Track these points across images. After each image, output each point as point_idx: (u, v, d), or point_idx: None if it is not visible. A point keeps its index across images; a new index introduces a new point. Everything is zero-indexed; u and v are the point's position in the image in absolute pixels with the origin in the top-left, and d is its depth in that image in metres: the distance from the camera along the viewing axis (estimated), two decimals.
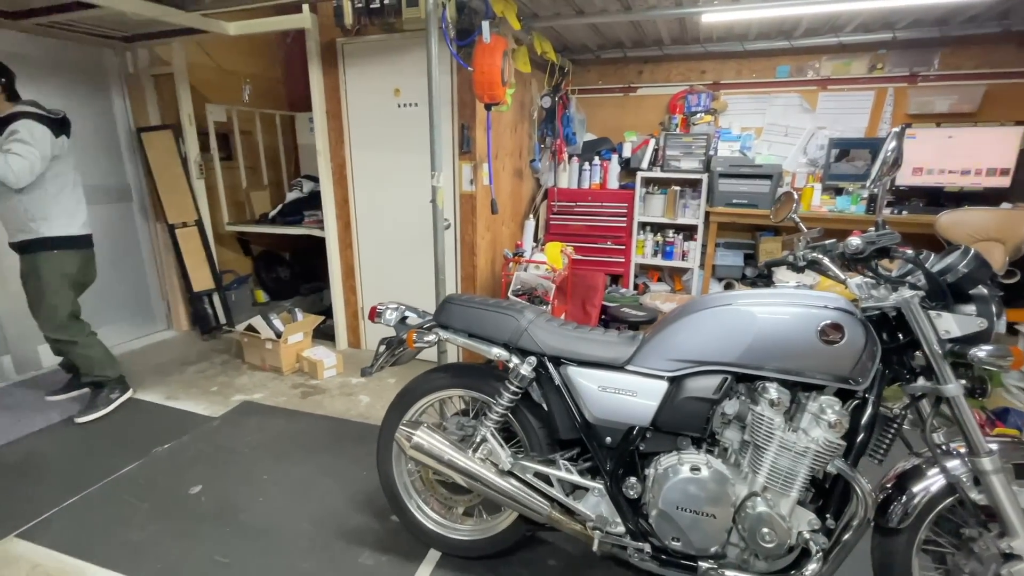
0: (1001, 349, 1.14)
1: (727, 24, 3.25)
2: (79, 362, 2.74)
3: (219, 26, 3.03)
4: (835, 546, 1.29)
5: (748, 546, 1.33)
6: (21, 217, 2.47)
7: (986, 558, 1.25)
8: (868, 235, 1.24)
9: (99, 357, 2.78)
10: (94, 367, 2.76)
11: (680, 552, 1.39)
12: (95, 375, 2.77)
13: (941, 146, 3.26)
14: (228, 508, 2.04)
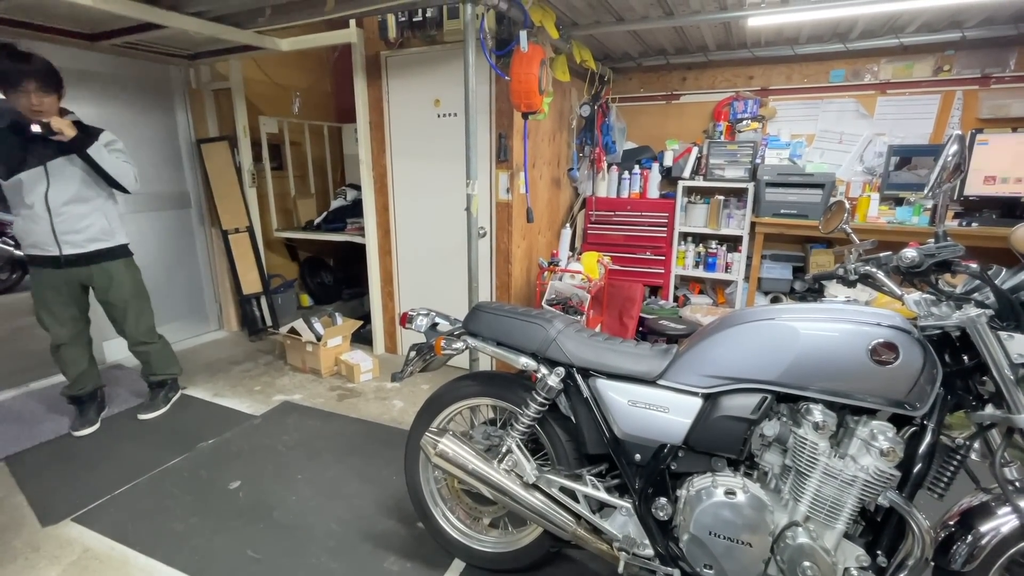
0: None
1: (776, 27, 3.13)
2: (157, 361, 2.84)
3: (273, 43, 3.19)
4: None
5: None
6: (102, 226, 2.50)
7: None
8: (926, 247, 1.14)
9: (172, 355, 2.93)
10: (169, 365, 2.90)
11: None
12: (166, 373, 2.90)
13: (1018, 152, 2.99)
14: (263, 505, 2.10)
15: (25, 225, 2.37)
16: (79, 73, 3.23)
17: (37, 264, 2.44)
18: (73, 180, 2.39)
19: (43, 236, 2.38)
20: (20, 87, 2.16)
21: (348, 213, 3.93)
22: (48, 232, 2.38)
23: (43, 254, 2.41)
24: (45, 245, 2.40)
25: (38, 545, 1.88)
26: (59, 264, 2.43)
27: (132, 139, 3.54)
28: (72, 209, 2.39)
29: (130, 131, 3.52)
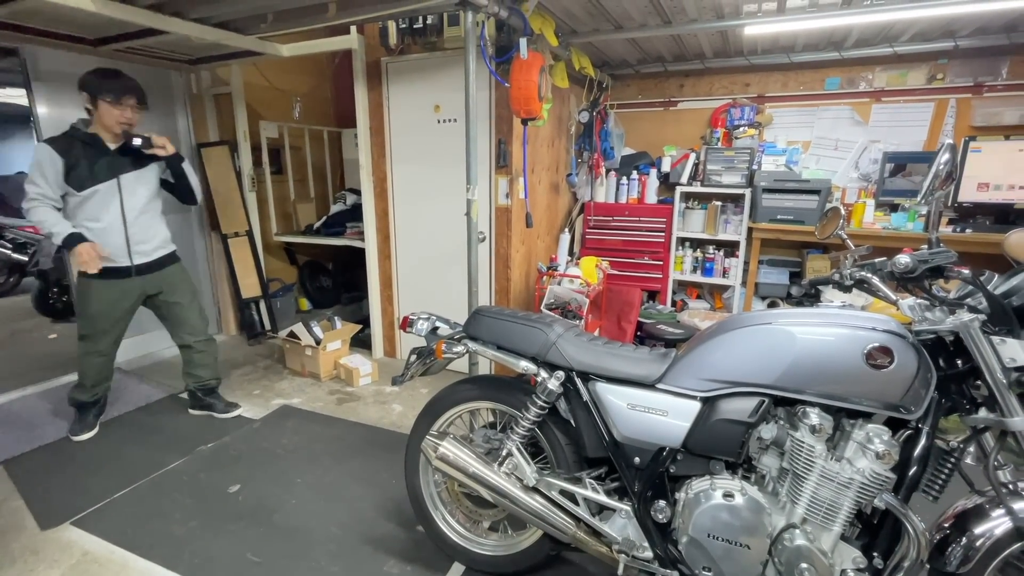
0: None
1: (772, 36, 3.17)
2: (214, 360, 2.88)
3: (274, 48, 3.21)
4: None
5: None
6: (165, 234, 2.62)
7: None
8: (920, 253, 1.16)
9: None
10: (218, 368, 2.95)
11: None
12: (217, 376, 2.93)
13: (1011, 160, 3.03)
14: (263, 508, 2.10)
15: (97, 239, 2.37)
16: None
17: (101, 276, 2.39)
18: (144, 192, 2.48)
19: (116, 248, 2.42)
20: (121, 102, 2.30)
21: (348, 217, 3.94)
22: (122, 244, 2.43)
23: (113, 266, 2.42)
24: (117, 257, 2.43)
25: (37, 549, 1.87)
26: (130, 274, 2.48)
27: None
28: (143, 220, 2.49)
29: None
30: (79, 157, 2.31)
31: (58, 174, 2.28)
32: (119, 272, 2.45)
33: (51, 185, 2.28)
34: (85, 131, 2.36)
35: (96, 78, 2.29)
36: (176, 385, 3.22)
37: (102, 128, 2.35)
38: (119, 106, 2.30)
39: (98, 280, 2.41)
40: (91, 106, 2.31)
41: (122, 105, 2.31)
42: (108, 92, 2.27)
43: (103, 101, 2.28)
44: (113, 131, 2.34)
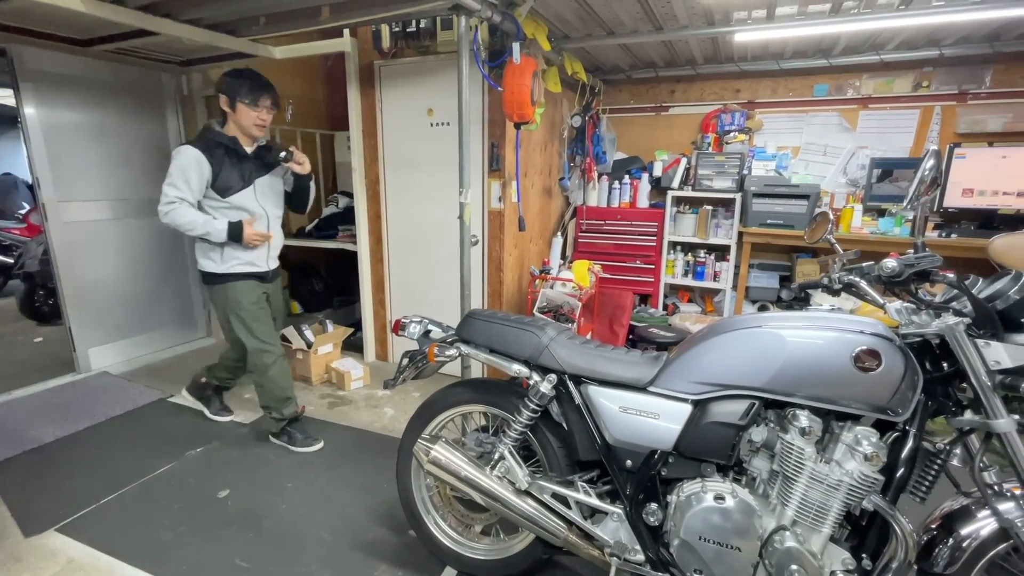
0: None
1: (761, 43, 3.20)
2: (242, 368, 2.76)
3: (266, 51, 3.20)
4: None
5: None
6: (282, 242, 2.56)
7: None
8: (906, 257, 1.18)
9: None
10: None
11: None
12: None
13: (995, 166, 3.08)
14: (252, 513, 2.08)
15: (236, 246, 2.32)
16: (69, 78, 3.21)
17: (242, 279, 2.37)
18: (276, 197, 2.45)
19: (260, 254, 2.39)
20: (259, 103, 2.24)
21: (340, 220, 3.92)
22: (265, 250, 2.42)
23: (255, 271, 2.40)
24: (259, 262, 2.40)
25: (20, 556, 1.84)
26: (266, 279, 2.47)
27: (122, 145, 3.52)
28: (275, 225, 2.47)
29: (120, 137, 3.51)
30: (222, 162, 2.24)
31: (203, 180, 2.21)
32: (257, 276, 2.42)
33: (193, 190, 2.21)
34: (224, 134, 2.27)
35: (234, 79, 2.22)
36: (166, 388, 3.19)
37: (239, 131, 2.28)
38: (256, 107, 2.24)
39: (241, 282, 2.37)
40: (229, 108, 2.23)
41: (259, 106, 2.24)
42: (246, 93, 2.21)
43: (241, 103, 2.21)
44: (250, 133, 2.28)
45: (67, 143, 3.24)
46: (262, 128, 2.29)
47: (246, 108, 2.22)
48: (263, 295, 2.47)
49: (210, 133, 2.27)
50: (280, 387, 2.50)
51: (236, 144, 2.28)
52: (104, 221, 3.46)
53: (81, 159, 3.32)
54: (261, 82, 2.26)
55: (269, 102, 2.27)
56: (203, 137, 2.27)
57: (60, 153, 3.21)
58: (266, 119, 2.29)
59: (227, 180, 2.25)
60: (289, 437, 2.57)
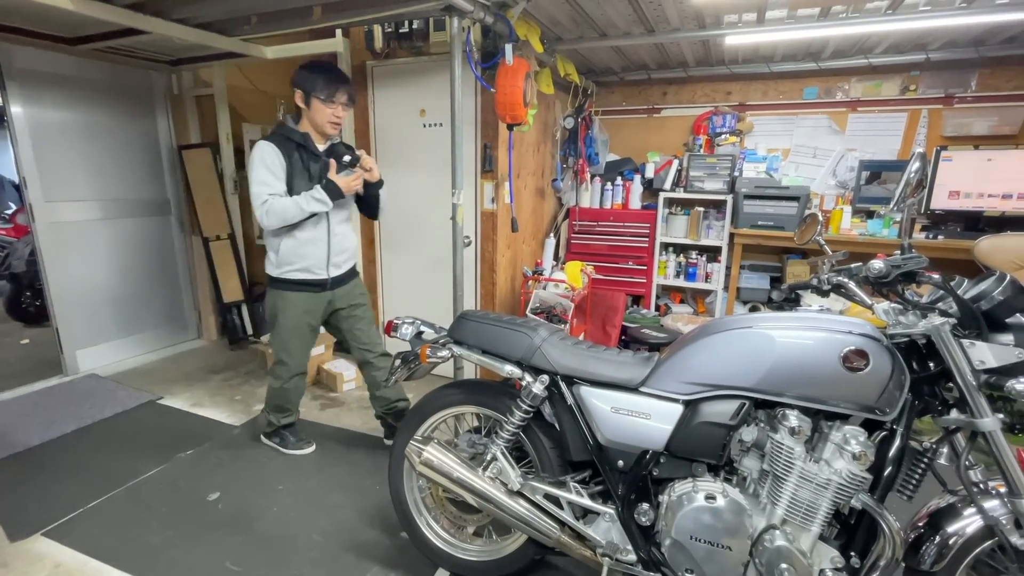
0: None
1: (752, 46, 3.23)
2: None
3: (258, 50, 3.18)
4: None
5: None
6: (356, 245, 2.43)
7: None
8: (893, 258, 1.19)
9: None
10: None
11: None
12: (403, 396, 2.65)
13: (980, 169, 3.13)
14: (243, 516, 2.06)
15: (299, 249, 2.18)
16: (57, 77, 3.18)
17: (298, 289, 2.23)
18: (345, 200, 2.24)
19: (318, 259, 2.22)
20: (334, 99, 2.09)
21: None
22: (324, 256, 2.22)
23: (311, 278, 2.23)
24: (316, 268, 2.23)
25: (6, 561, 1.81)
26: (325, 287, 2.27)
27: (111, 144, 3.48)
28: (341, 229, 2.29)
29: (108, 136, 3.47)
30: (295, 160, 2.11)
31: (283, 170, 2.10)
32: (315, 285, 2.24)
33: (281, 180, 2.09)
34: (298, 131, 2.15)
35: (309, 73, 2.08)
36: (155, 390, 3.16)
37: (312, 128, 2.15)
38: (332, 103, 2.09)
39: (293, 293, 2.23)
40: (303, 104, 2.10)
41: (335, 103, 2.10)
42: (322, 88, 2.06)
43: (316, 98, 2.07)
44: (324, 131, 2.15)
45: (55, 143, 3.20)
46: (336, 126, 2.16)
47: (320, 104, 2.07)
48: (320, 307, 2.31)
49: (283, 129, 2.15)
50: (288, 401, 2.46)
51: (307, 141, 2.14)
52: (92, 221, 3.42)
53: (69, 159, 3.28)
54: (337, 76, 2.11)
55: (345, 98, 2.12)
56: (276, 133, 2.16)
57: (47, 153, 3.17)
58: (341, 116, 2.15)
59: (298, 180, 2.11)
60: (281, 439, 2.54)
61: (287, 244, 2.17)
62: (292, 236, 2.16)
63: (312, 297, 2.26)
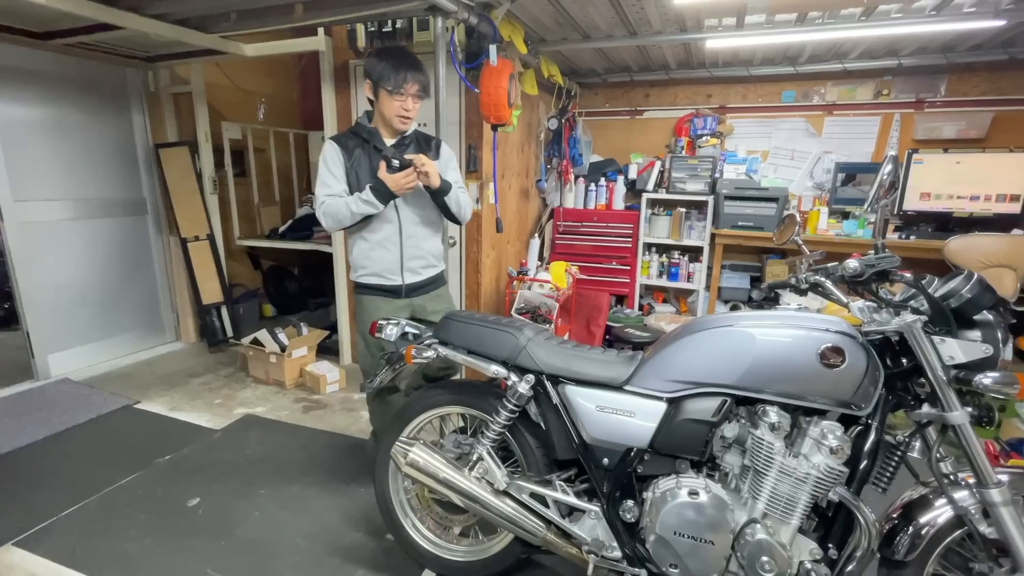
0: (1008, 376, 1.11)
1: (732, 49, 3.29)
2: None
3: (237, 48, 3.13)
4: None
5: (747, 575, 1.28)
6: (438, 250, 2.20)
7: None
8: (867, 258, 1.23)
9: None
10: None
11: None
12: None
13: (949, 171, 3.23)
14: (224, 521, 2.02)
15: (372, 252, 2.02)
16: (27, 72, 3.08)
17: (372, 293, 2.07)
18: (421, 201, 2.04)
19: (390, 264, 2.03)
20: (403, 89, 1.86)
21: (314, 221, 3.84)
22: (396, 260, 2.03)
23: (385, 284, 2.05)
24: (389, 274, 2.04)
25: None
26: (400, 294, 2.08)
27: (83, 142, 3.39)
28: (418, 232, 2.06)
29: (81, 134, 3.38)
30: (359, 157, 1.95)
31: (342, 172, 1.95)
32: (389, 291, 2.07)
33: (341, 182, 1.95)
34: (367, 126, 1.98)
35: (376, 61, 1.86)
36: (132, 395, 3.08)
37: (381, 122, 1.96)
38: (400, 95, 1.86)
39: (367, 297, 2.08)
40: (372, 95, 1.91)
41: (403, 94, 1.86)
42: (388, 78, 1.83)
43: (383, 89, 1.86)
44: (392, 125, 1.94)
45: (24, 140, 3.10)
46: (406, 120, 1.93)
47: (388, 96, 1.86)
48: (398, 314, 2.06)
49: (355, 125, 2.02)
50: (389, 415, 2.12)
51: (374, 137, 1.95)
52: (65, 221, 3.33)
53: (40, 157, 3.18)
54: (407, 63, 1.85)
55: (416, 88, 1.87)
56: (350, 129, 2.02)
57: (17, 150, 3.07)
58: (411, 109, 1.91)
59: (361, 177, 1.94)
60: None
61: (359, 247, 2.03)
62: (363, 238, 2.01)
63: (388, 303, 2.07)
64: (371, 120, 2.01)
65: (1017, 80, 3.24)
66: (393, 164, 1.83)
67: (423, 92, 1.91)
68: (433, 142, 2.06)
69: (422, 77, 1.88)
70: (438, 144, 2.08)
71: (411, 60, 1.88)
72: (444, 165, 2.04)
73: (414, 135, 2.02)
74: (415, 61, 1.88)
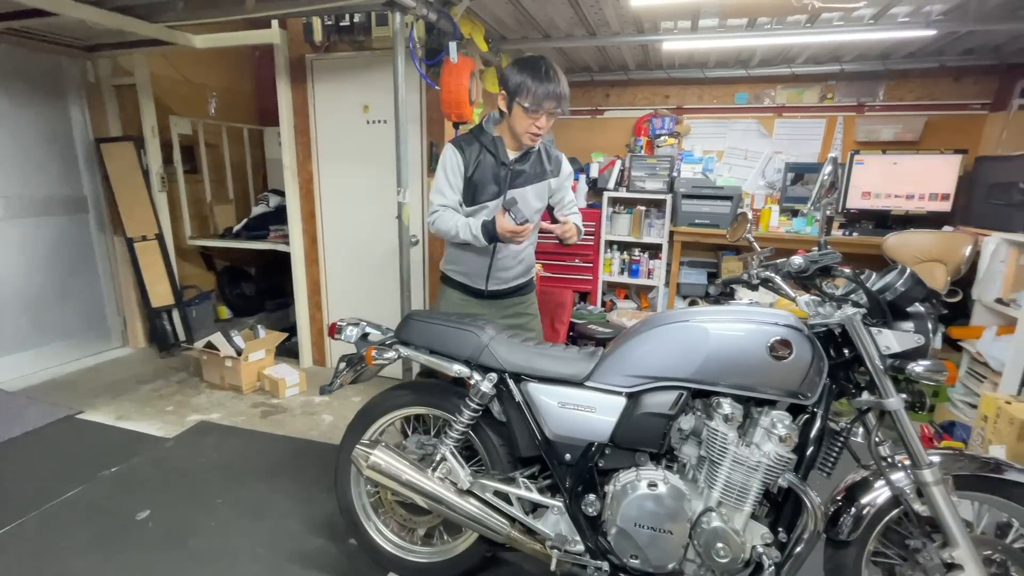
0: (937, 364, 1.19)
1: (687, 52, 3.38)
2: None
3: (185, 39, 2.98)
4: (787, 559, 1.30)
5: (704, 562, 1.32)
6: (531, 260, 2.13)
7: (929, 568, 1.27)
8: (811, 255, 1.29)
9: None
10: None
11: (639, 570, 1.38)
12: None
13: (887, 172, 3.42)
14: (178, 533, 1.93)
15: (463, 255, 1.95)
16: None
17: (455, 287, 2.03)
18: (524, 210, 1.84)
19: (478, 270, 1.97)
20: (541, 107, 1.70)
21: (271, 220, 3.73)
22: (484, 267, 1.95)
23: (469, 284, 2.01)
24: (475, 278, 1.99)
25: None
26: (481, 296, 2.03)
27: (12, 136, 3.15)
28: (511, 249, 1.95)
29: (12, 127, 3.14)
30: (478, 164, 1.83)
31: (459, 180, 1.84)
32: (470, 291, 2.02)
33: (457, 192, 1.84)
34: (492, 133, 1.85)
35: (516, 73, 1.70)
36: (75, 404, 2.90)
37: (508, 132, 1.83)
38: (535, 114, 1.72)
39: (450, 289, 2.04)
40: (505, 107, 1.77)
41: (539, 112, 1.72)
42: (527, 94, 1.69)
43: (519, 105, 1.71)
44: (521, 140, 1.81)
45: None
46: (536, 137, 1.80)
47: (522, 112, 1.73)
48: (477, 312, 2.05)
49: (478, 129, 1.88)
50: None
51: (498, 147, 1.82)
52: None
53: None
54: (547, 78, 1.68)
55: (554, 105, 1.72)
56: (471, 132, 1.90)
57: None
58: (543, 127, 1.76)
59: (477, 186, 1.83)
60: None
61: (454, 244, 1.97)
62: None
63: (467, 301, 2.04)
64: (495, 125, 1.87)
65: (947, 86, 3.46)
66: (510, 215, 1.69)
67: (559, 108, 1.74)
68: (554, 157, 1.94)
69: (560, 95, 1.72)
70: (559, 160, 1.96)
71: (552, 76, 1.71)
72: (561, 183, 1.98)
73: (538, 150, 1.89)
74: (556, 77, 1.71)
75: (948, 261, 2.86)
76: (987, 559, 1.28)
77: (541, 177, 1.90)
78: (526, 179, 1.88)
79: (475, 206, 1.87)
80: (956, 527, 1.22)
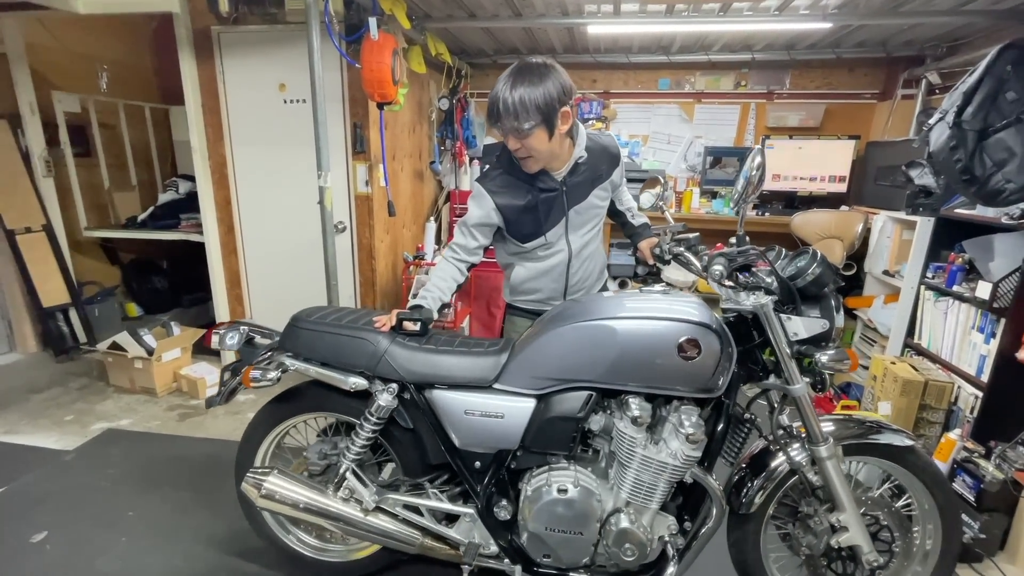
0: (840, 354, 1.19)
1: (611, 36, 3.32)
2: None
3: (64, 2, 2.54)
4: (692, 542, 1.31)
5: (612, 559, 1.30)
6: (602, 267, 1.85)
7: (819, 531, 1.31)
8: (729, 252, 1.24)
9: None
10: None
11: (552, 567, 1.34)
12: None
13: (793, 155, 3.58)
14: (81, 554, 1.69)
15: (532, 281, 1.67)
16: None
17: (529, 316, 1.73)
18: (590, 224, 1.68)
19: (554, 292, 1.69)
20: (499, 126, 1.43)
21: (183, 208, 3.35)
22: (561, 287, 1.69)
23: (538, 309, 1.69)
24: (553, 300, 1.69)
25: None
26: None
27: None
28: (586, 251, 1.70)
29: None
30: (515, 197, 1.53)
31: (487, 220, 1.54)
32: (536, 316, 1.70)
33: (476, 237, 1.58)
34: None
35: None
36: None
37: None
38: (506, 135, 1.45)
39: (521, 319, 1.76)
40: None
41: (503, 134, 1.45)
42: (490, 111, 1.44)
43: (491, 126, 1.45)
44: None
45: None
46: (524, 161, 1.50)
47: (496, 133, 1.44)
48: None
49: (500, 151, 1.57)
50: None
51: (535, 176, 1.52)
52: None
53: None
54: (500, 118, 1.41)
55: (516, 135, 1.41)
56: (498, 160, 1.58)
57: None
58: (521, 148, 1.44)
59: (527, 223, 1.56)
60: None
61: (519, 273, 1.70)
62: (523, 265, 1.68)
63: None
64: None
65: (843, 76, 3.63)
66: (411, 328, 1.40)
67: (524, 129, 1.40)
68: (609, 156, 1.66)
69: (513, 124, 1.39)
70: (607, 148, 1.66)
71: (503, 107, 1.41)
72: (621, 173, 1.75)
73: (588, 159, 1.59)
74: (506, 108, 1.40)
75: (844, 238, 3.03)
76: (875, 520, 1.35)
77: (599, 180, 1.64)
78: (584, 191, 1.61)
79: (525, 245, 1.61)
80: (844, 494, 1.26)
